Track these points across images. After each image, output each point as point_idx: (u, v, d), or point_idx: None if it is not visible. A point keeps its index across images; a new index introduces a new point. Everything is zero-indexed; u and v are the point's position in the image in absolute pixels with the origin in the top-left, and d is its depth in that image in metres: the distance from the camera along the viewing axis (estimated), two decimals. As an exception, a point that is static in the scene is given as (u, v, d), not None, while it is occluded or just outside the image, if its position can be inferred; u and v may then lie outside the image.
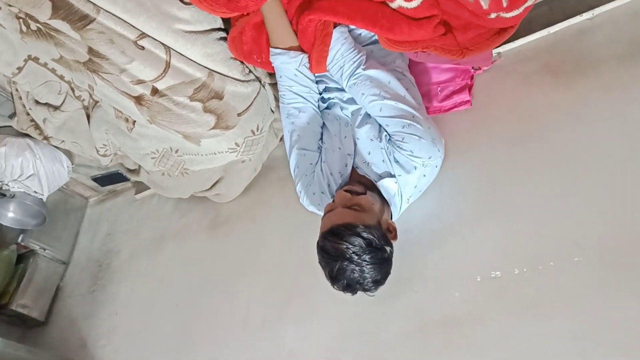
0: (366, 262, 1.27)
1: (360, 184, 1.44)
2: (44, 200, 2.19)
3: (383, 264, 1.31)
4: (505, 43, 1.64)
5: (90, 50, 1.45)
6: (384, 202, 1.43)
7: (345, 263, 1.26)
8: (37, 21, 1.40)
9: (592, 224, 1.28)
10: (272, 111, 1.82)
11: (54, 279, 2.40)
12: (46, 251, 2.39)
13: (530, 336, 1.23)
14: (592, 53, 1.52)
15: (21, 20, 1.44)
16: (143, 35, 1.43)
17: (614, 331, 1.15)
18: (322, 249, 1.31)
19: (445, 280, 1.40)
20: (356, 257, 1.26)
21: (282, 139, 2.01)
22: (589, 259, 1.24)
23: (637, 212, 1.24)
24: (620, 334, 1.14)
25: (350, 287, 1.29)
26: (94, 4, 1.35)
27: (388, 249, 1.32)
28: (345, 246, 1.26)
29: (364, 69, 1.45)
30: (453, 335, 1.33)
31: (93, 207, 2.70)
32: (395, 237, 1.39)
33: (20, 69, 1.73)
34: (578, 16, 1.59)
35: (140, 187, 2.45)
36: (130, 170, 2.18)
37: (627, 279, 1.18)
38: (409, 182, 1.42)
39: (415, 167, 1.40)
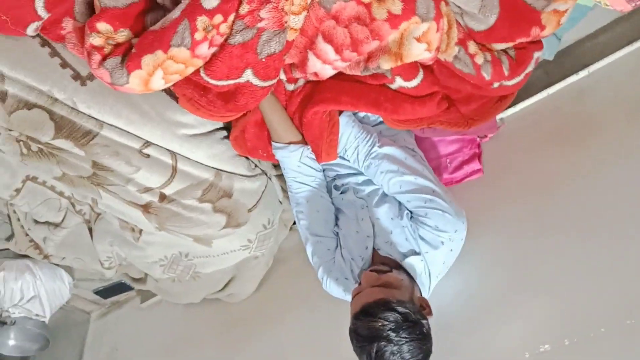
0: (405, 339, 1.16)
1: (384, 265, 1.38)
2: (46, 322, 2.07)
3: (423, 341, 1.20)
4: (506, 109, 1.65)
5: (95, 164, 1.42)
6: (412, 280, 1.37)
7: (383, 343, 1.16)
8: (38, 142, 1.37)
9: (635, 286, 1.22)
10: (281, 202, 1.79)
11: (60, 405, 2.24)
12: (50, 376, 2.24)
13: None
14: (597, 113, 1.51)
15: (21, 142, 1.42)
16: (148, 143, 1.41)
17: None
18: (355, 332, 1.22)
19: (492, 363, 1.32)
20: (394, 335, 1.16)
21: (291, 228, 1.96)
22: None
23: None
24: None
25: None
26: (97, 119, 1.33)
27: (426, 323, 1.23)
28: (380, 324, 1.17)
29: (379, 147, 1.44)
30: None
31: (96, 322, 2.55)
32: (430, 313, 1.30)
33: (18, 190, 1.67)
34: (574, 75, 1.61)
35: (146, 294, 2.34)
36: (135, 280, 2.10)
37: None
38: (437, 259, 1.37)
39: (442, 242, 1.35)
